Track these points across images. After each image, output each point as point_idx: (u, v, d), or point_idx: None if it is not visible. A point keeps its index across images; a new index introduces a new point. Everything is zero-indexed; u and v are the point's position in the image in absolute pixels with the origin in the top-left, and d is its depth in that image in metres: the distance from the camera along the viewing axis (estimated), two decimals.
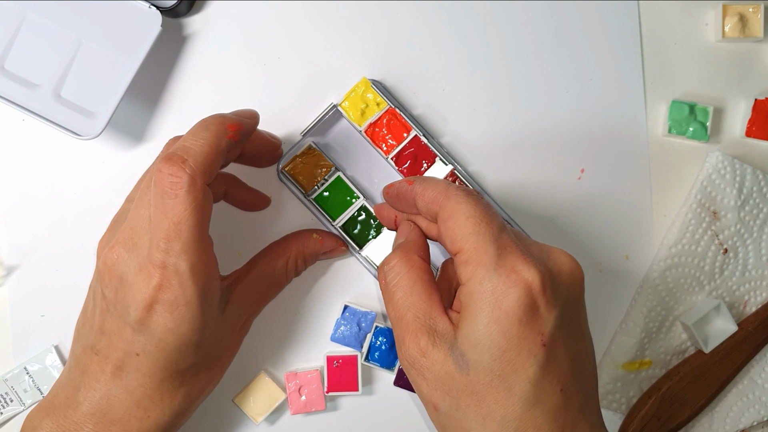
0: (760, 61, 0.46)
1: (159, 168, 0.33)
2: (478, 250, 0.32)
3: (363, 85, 0.43)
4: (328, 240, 0.43)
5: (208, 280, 0.34)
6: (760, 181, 0.45)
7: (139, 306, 0.34)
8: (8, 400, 0.44)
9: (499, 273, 0.31)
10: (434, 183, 0.35)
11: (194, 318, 0.34)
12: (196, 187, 0.33)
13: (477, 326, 0.31)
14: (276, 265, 0.41)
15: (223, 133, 0.35)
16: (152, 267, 0.33)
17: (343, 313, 0.44)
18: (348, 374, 0.43)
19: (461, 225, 0.32)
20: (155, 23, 0.42)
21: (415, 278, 0.34)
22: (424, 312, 0.33)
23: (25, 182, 0.45)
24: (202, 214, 0.33)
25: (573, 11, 0.46)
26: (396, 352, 0.43)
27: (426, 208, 0.35)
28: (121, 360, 0.35)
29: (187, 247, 0.33)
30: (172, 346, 0.34)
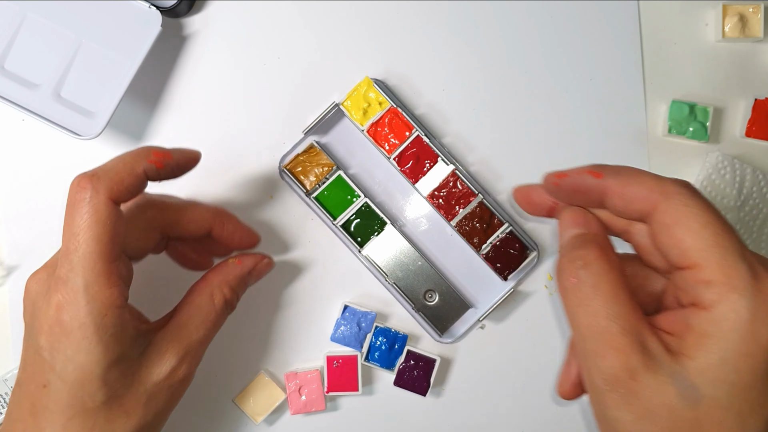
0: (760, 61, 0.46)
1: (71, 183, 0.33)
2: (727, 270, 0.26)
3: (365, 84, 0.43)
4: (246, 259, 0.40)
5: (105, 304, 0.32)
6: (760, 181, 0.45)
7: (43, 329, 0.32)
8: (8, 400, 0.44)
9: (758, 300, 0.26)
10: (637, 176, 0.29)
11: (91, 345, 0.32)
12: (100, 200, 0.32)
13: (724, 360, 0.26)
14: (200, 301, 0.38)
15: (144, 156, 0.34)
16: (56, 285, 0.32)
17: (343, 313, 0.44)
18: (348, 374, 0.43)
19: (696, 235, 0.27)
20: (155, 23, 0.42)
21: (617, 281, 0.28)
22: (632, 326, 0.27)
23: (25, 182, 0.45)
24: (102, 229, 0.32)
25: (573, 11, 0.46)
26: (396, 352, 0.43)
27: (626, 208, 0.29)
28: (34, 395, 0.33)
29: (83, 261, 0.32)
30: (72, 378, 0.32)
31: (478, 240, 0.44)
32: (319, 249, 0.45)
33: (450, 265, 0.45)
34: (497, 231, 0.43)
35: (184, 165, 0.37)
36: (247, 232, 0.41)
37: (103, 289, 0.32)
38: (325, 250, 0.45)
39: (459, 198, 0.44)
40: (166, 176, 0.36)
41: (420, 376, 0.43)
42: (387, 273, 0.44)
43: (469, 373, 0.45)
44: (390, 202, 0.45)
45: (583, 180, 0.31)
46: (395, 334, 0.44)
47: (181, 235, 0.39)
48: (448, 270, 0.45)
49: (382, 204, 0.45)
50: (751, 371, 0.26)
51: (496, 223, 0.44)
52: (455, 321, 0.44)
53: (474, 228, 0.44)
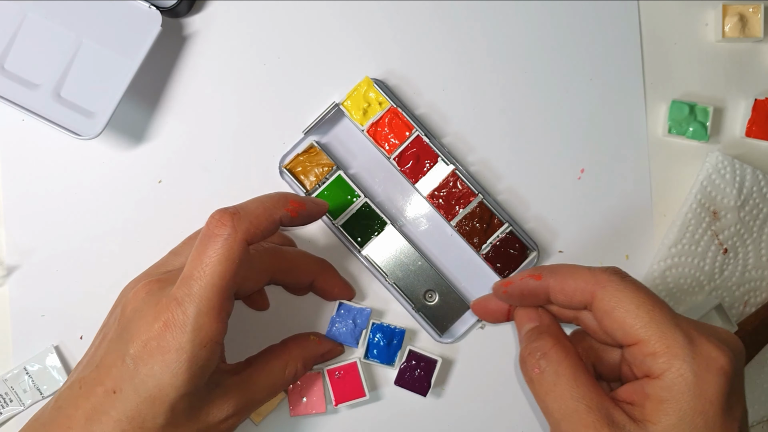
0: (760, 61, 0.46)
1: (212, 215, 0.34)
2: (666, 341, 0.30)
3: (365, 84, 0.43)
4: (325, 341, 0.43)
5: (207, 336, 0.33)
6: (760, 181, 0.45)
7: (140, 339, 0.33)
8: (8, 400, 0.44)
9: (698, 362, 0.29)
10: (573, 272, 0.33)
11: (180, 370, 0.32)
12: (236, 237, 0.33)
13: (681, 420, 0.29)
14: (275, 366, 0.40)
15: (283, 204, 0.36)
16: (168, 302, 0.33)
17: (338, 311, 0.43)
18: (352, 382, 0.43)
19: (633, 315, 0.30)
20: (155, 23, 0.42)
21: (576, 365, 0.32)
22: (597, 403, 0.30)
23: (25, 182, 0.45)
24: (231, 267, 0.33)
25: (573, 11, 0.46)
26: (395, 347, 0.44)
27: (568, 301, 0.33)
28: (99, 399, 0.33)
29: (203, 293, 0.33)
30: (147, 394, 0.33)
31: (478, 240, 0.44)
32: (319, 249, 0.45)
33: (450, 265, 0.45)
34: (497, 231, 0.43)
35: (314, 215, 0.39)
36: (346, 286, 0.44)
37: (211, 322, 0.33)
38: (325, 250, 0.45)
39: (459, 198, 0.44)
40: (296, 224, 0.38)
41: (421, 376, 0.43)
42: (387, 273, 0.44)
43: (470, 373, 0.45)
44: (390, 202, 0.45)
45: (526, 284, 0.35)
46: (392, 330, 0.44)
47: (288, 282, 0.42)
48: (448, 270, 0.45)
49: (382, 204, 0.45)
50: (706, 425, 0.29)
51: (496, 223, 0.44)
52: (455, 321, 0.44)
53: (474, 228, 0.44)
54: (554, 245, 0.45)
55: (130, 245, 0.45)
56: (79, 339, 0.45)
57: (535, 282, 0.34)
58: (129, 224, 0.45)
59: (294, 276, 0.42)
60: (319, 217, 0.39)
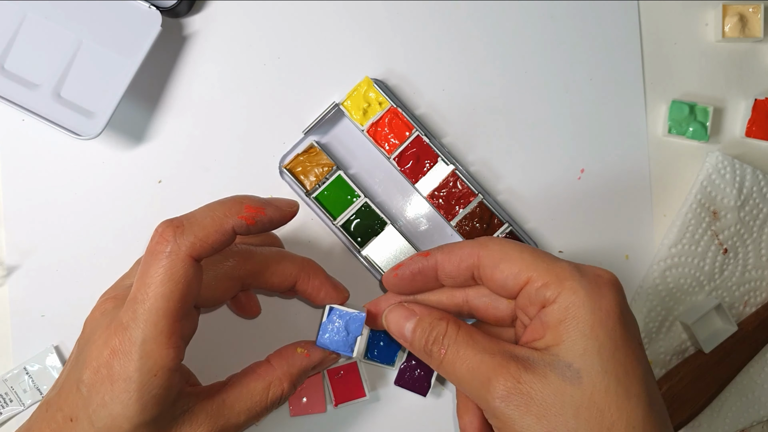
0: (760, 61, 0.46)
1: (157, 228, 0.31)
2: (554, 270, 0.31)
3: (365, 84, 0.43)
4: (314, 352, 0.38)
5: (157, 364, 0.30)
6: (760, 181, 0.45)
7: (92, 365, 0.31)
8: (8, 400, 0.44)
9: (588, 280, 0.31)
10: (458, 244, 0.34)
11: (129, 401, 0.30)
12: (178, 255, 0.30)
13: (583, 333, 0.30)
14: (256, 387, 0.35)
15: (236, 211, 0.32)
16: (116, 327, 0.31)
17: (329, 316, 0.37)
18: (352, 382, 0.43)
19: (519, 260, 0.32)
20: (155, 23, 0.42)
21: (471, 332, 0.33)
22: (498, 349, 0.31)
23: (25, 182, 0.45)
24: (174, 287, 0.30)
25: (573, 11, 0.46)
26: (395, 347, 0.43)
27: (457, 272, 0.34)
28: (59, 424, 0.32)
29: (147, 315, 0.30)
30: (101, 424, 0.31)
31: None
32: (319, 249, 0.45)
33: None
34: (497, 231, 0.43)
35: (277, 220, 0.34)
36: (334, 287, 0.39)
37: (160, 349, 0.31)
38: (325, 250, 0.45)
39: (459, 198, 0.44)
40: (256, 232, 0.34)
41: (421, 376, 0.43)
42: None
43: None
44: (390, 202, 0.45)
45: (416, 263, 0.35)
46: None
47: (262, 287, 0.38)
48: None
49: (382, 204, 0.45)
50: (608, 336, 0.30)
51: (496, 223, 0.44)
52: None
53: (474, 228, 0.44)
54: (554, 245, 0.45)
55: (130, 245, 0.45)
56: None
57: (424, 260, 0.35)
58: (129, 224, 0.45)
59: (268, 280, 0.37)
60: (285, 222, 0.35)
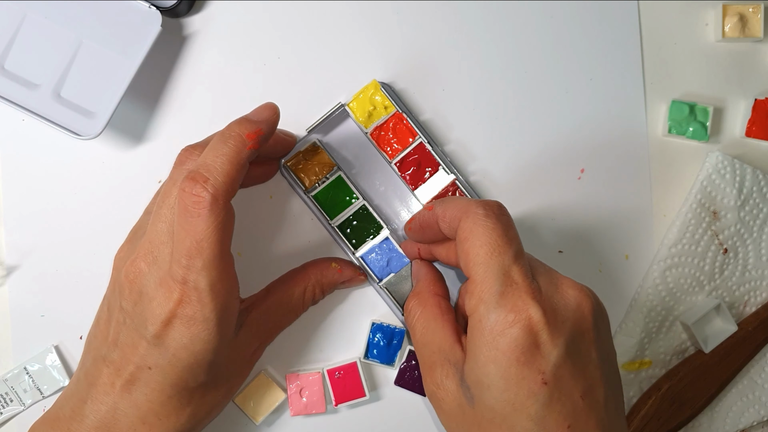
0: (760, 61, 0.46)
1: (182, 187, 0.33)
2: (483, 284, 0.31)
3: (372, 87, 0.43)
4: (347, 269, 0.43)
5: (227, 299, 0.34)
6: (760, 181, 0.45)
7: (157, 320, 0.33)
8: (8, 400, 0.44)
9: (499, 312, 0.30)
10: (454, 201, 0.35)
11: (210, 336, 0.34)
12: (219, 205, 0.33)
13: (477, 364, 0.31)
14: (294, 292, 0.41)
15: (243, 145, 0.34)
16: (173, 282, 0.33)
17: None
18: (352, 382, 0.43)
19: (475, 251, 0.32)
20: (155, 23, 0.42)
21: (430, 315, 0.35)
22: (438, 346, 0.34)
23: (25, 182, 0.45)
24: (223, 233, 0.33)
25: (573, 11, 0.46)
26: (395, 347, 0.44)
27: (449, 230, 0.35)
28: (133, 374, 0.35)
29: (208, 265, 0.33)
30: (184, 363, 0.34)
31: None
32: (317, 249, 0.45)
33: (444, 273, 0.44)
34: None
35: (272, 131, 0.37)
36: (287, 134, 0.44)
37: (225, 287, 0.34)
38: (322, 251, 0.45)
39: None
40: (265, 153, 0.38)
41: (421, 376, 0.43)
42: (379, 277, 0.44)
43: None
44: (388, 207, 0.45)
45: (422, 216, 0.37)
46: (392, 330, 0.44)
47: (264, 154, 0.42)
48: None
49: (379, 207, 0.45)
50: (500, 375, 0.30)
51: None
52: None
53: None
54: (554, 245, 0.45)
55: None
56: (79, 339, 0.45)
57: (428, 213, 0.37)
58: (129, 224, 0.45)
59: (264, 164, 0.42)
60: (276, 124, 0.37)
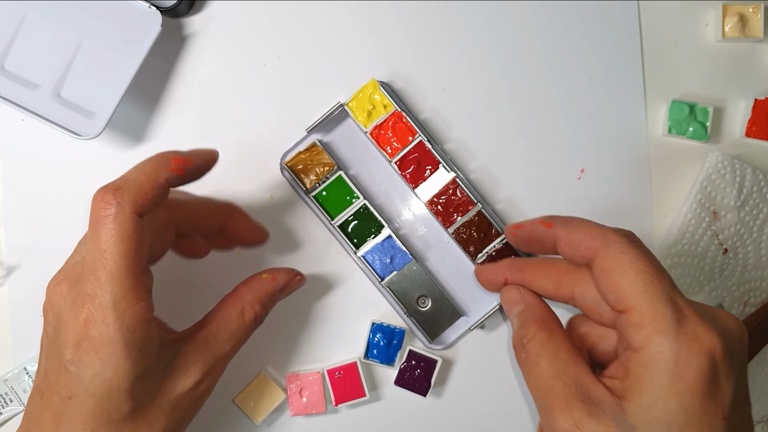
0: (760, 61, 0.46)
1: (94, 196, 0.33)
2: (653, 314, 0.29)
3: (371, 86, 0.43)
4: (279, 275, 0.41)
5: (134, 319, 0.32)
6: (760, 181, 0.45)
7: (69, 343, 0.32)
8: (8, 400, 0.44)
9: (681, 341, 0.28)
10: (583, 226, 0.33)
11: (119, 361, 0.32)
12: (124, 214, 0.32)
13: (655, 400, 0.28)
14: (230, 316, 0.38)
15: (165, 165, 0.34)
16: (82, 300, 0.32)
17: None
18: (352, 382, 0.43)
19: (630, 281, 0.30)
20: (155, 23, 0.42)
21: (558, 345, 0.32)
22: (573, 380, 0.30)
23: (25, 182, 0.45)
24: (129, 245, 0.32)
25: (573, 11, 0.46)
26: (394, 347, 0.44)
27: (573, 254, 0.33)
28: (58, 405, 0.33)
29: (111, 279, 0.31)
30: (100, 391, 0.32)
31: (474, 249, 0.43)
32: (317, 249, 0.45)
33: (444, 272, 0.45)
34: (494, 241, 0.43)
35: (203, 167, 0.37)
36: (257, 228, 0.42)
37: (132, 305, 0.32)
38: (323, 251, 0.45)
39: (458, 206, 0.44)
40: (186, 182, 0.36)
41: (421, 376, 0.43)
42: (381, 276, 0.44)
43: (470, 374, 0.45)
44: (388, 206, 0.45)
45: (536, 230, 0.35)
46: (392, 330, 0.44)
47: (194, 231, 0.40)
48: (442, 277, 0.45)
49: (380, 206, 0.45)
50: (683, 410, 0.28)
51: (494, 233, 0.43)
52: (446, 328, 0.44)
53: (471, 236, 0.43)
54: None
55: None
56: None
57: (544, 229, 0.34)
58: None
59: (199, 224, 0.39)
60: (210, 168, 0.37)
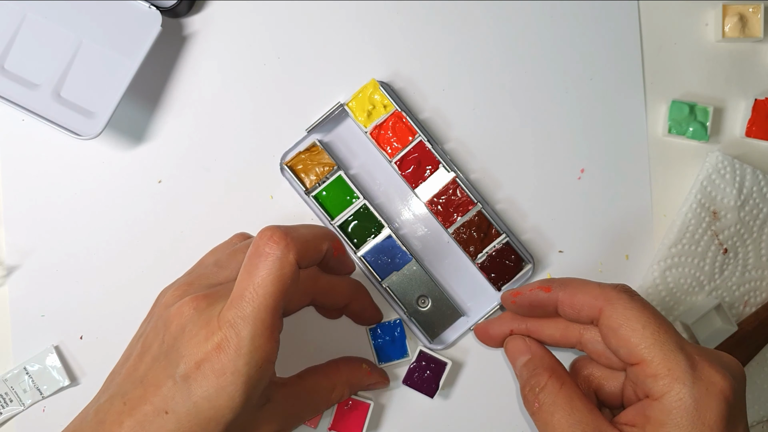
0: (760, 61, 0.46)
1: (263, 230, 0.33)
2: (668, 364, 0.31)
3: (371, 86, 0.43)
4: (375, 373, 0.43)
5: (263, 359, 0.32)
6: (760, 181, 0.45)
7: (191, 359, 0.32)
8: (8, 400, 0.44)
9: (699, 387, 0.30)
10: (582, 287, 0.34)
11: (236, 393, 0.32)
12: (288, 258, 0.32)
13: None
14: (323, 384, 0.40)
15: (330, 238, 0.36)
16: (219, 324, 0.32)
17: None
18: (355, 419, 0.43)
19: (639, 335, 0.31)
20: (155, 23, 0.42)
21: (572, 394, 0.33)
22: (593, 428, 0.32)
23: (25, 182, 0.45)
24: (282, 288, 0.32)
25: (573, 11, 0.46)
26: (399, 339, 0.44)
27: (576, 315, 0.34)
28: (146, 415, 0.32)
29: (257, 314, 0.32)
30: (202, 416, 0.32)
31: (474, 249, 0.43)
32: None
33: (444, 272, 0.45)
34: (494, 241, 0.43)
35: (345, 266, 0.41)
36: (376, 311, 0.44)
37: (266, 343, 0.32)
38: None
39: (458, 206, 0.43)
40: (331, 267, 0.39)
41: (429, 377, 0.43)
42: (381, 276, 0.44)
43: (479, 377, 0.45)
44: (389, 205, 0.45)
45: (536, 296, 0.36)
46: (388, 324, 0.44)
47: (326, 304, 0.42)
48: (442, 277, 0.45)
49: (380, 206, 0.45)
50: None
51: (494, 233, 0.43)
52: (447, 328, 0.44)
53: (471, 236, 0.43)
54: (554, 245, 0.45)
55: (130, 245, 0.45)
56: (79, 339, 0.45)
57: (544, 294, 0.36)
58: (129, 224, 0.45)
59: (332, 298, 0.42)
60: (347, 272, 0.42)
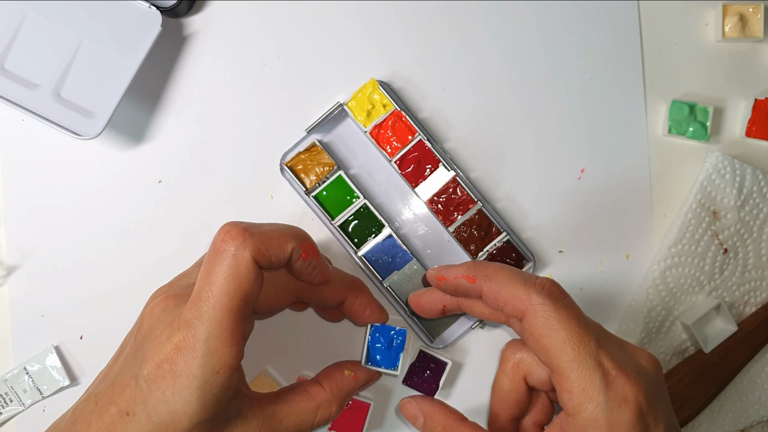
0: (760, 61, 0.46)
1: (222, 226, 0.32)
2: (583, 383, 0.31)
3: (370, 86, 0.43)
4: (361, 375, 0.39)
5: (220, 361, 0.31)
6: (760, 181, 0.45)
7: (152, 360, 0.31)
8: (8, 400, 0.44)
9: (611, 405, 0.31)
10: (507, 283, 0.34)
11: (191, 398, 0.30)
12: (243, 256, 0.31)
13: None
14: (306, 406, 0.36)
15: (296, 239, 0.33)
16: (179, 324, 0.31)
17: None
18: (355, 419, 0.43)
19: (558, 349, 0.31)
20: (155, 23, 0.42)
21: None
22: None
23: (25, 182, 0.45)
24: (238, 286, 0.31)
25: (573, 11, 0.46)
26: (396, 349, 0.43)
27: (500, 309, 0.34)
28: (112, 417, 0.32)
29: (213, 315, 0.31)
30: (159, 420, 0.31)
31: (474, 247, 0.43)
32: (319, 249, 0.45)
33: None
34: (495, 240, 0.43)
35: (320, 274, 0.36)
36: (378, 309, 0.41)
37: (223, 346, 0.31)
38: (323, 251, 0.45)
39: (458, 204, 0.43)
40: (298, 271, 0.35)
41: (429, 377, 0.43)
42: (382, 276, 0.44)
43: (478, 377, 0.45)
44: (389, 205, 0.45)
45: (459, 284, 0.36)
46: (391, 329, 0.43)
47: (314, 302, 0.40)
48: None
49: (380, 206, 0.45)
50: None
51: (494, 231, 0.43)
52: (447, 327, 0.44)
53: (472, 235, 0.43)
54: (554, 245, 0.45)
55: (130, 245, 0.45)
56: (79, 339, 0.45)
57: (467, 284, 0.35)
58: (129, 224, 0.45)
59: (320, 296, 0.39)
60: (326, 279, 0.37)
